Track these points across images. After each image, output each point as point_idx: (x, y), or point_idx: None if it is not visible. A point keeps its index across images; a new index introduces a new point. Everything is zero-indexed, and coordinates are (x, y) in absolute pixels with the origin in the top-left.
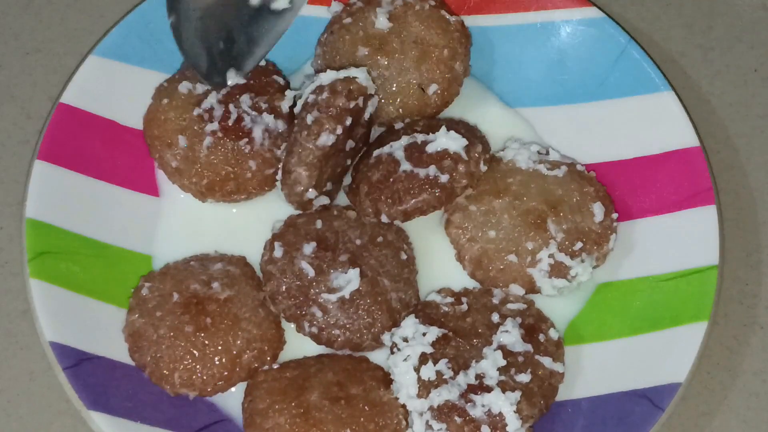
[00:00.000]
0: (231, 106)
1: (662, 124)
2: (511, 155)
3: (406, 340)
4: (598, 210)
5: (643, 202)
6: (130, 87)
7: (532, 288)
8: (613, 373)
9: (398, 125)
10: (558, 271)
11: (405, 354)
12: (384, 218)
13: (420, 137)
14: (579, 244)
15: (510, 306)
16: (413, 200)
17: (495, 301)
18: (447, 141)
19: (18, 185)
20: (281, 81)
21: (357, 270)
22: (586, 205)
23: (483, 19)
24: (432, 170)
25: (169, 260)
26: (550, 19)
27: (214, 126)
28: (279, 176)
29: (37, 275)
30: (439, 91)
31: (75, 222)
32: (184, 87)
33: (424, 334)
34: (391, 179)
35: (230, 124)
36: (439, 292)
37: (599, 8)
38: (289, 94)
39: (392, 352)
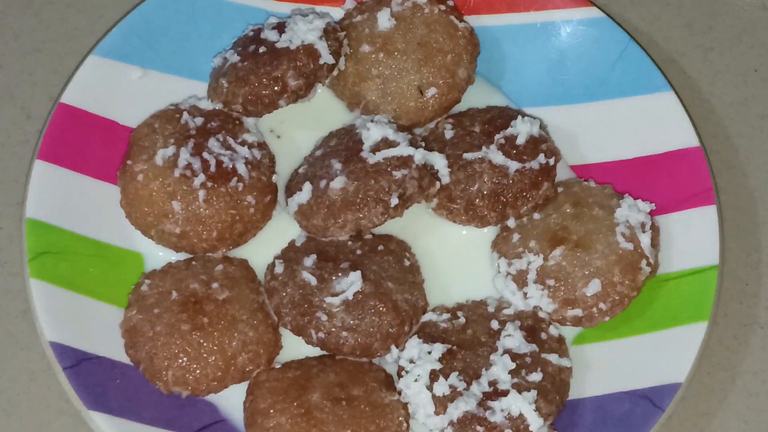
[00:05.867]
0: (205, 155)
1: (662, 124)
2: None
3: (412, 361)
4: (593, 286)
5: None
6: (130, 87)
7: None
8: (614, 373)
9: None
10: (519, 279)
11: (415, 374)
12: (511, 222)
13: (500, 134)
14: (551, 282)
15: (506, 311)
16: (540, 191)
17: (490, 309)
18: (527, 126)
19: (18, 185)
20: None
21: (358, 272)
22: (596, 276)
23: (483, 18)
24: (542, 158)
25: (170, 260)
26: (550, 19)
27: (202, 179)
28: (286, 198)
29: (37, 275)
30: (437, 96)
31: (75, 222)
32: (159, 158)
33: (429, 353)
34: (509, 182)
35: (214, 171)
36: (433, 310)
37: (599, 8)
38: (248, 121)
39: (400, 376)
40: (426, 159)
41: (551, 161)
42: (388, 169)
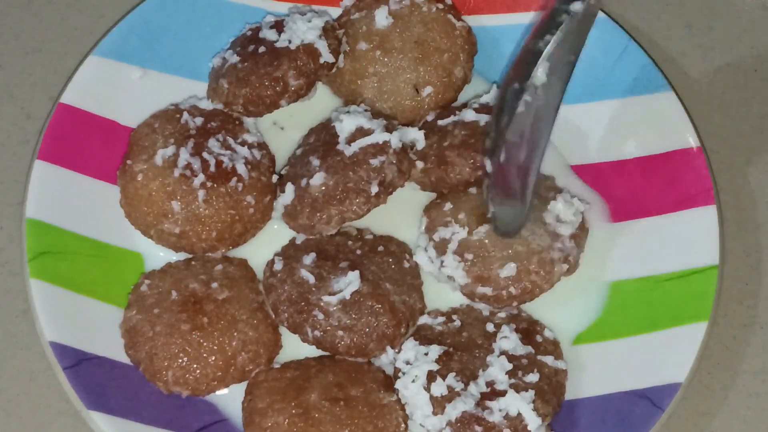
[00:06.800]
0: (205, 155)
1: (662, 124)
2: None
3: (408, 363)
4: (508, 269)
5: (643, 202)
6: (130, 87)
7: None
8: (613, 373)
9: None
10: (440, 247)
11: (412, 375)
12: (489, 166)
13: (474, 102)
14: (470, 256)
15: (501, 314)
16: None
17: (485, 312)
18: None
19: (18, 185)
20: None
21: (357, 272)
22: (513, 261)
23: (483, 18)
24: None
25: (169, 260)
26: None
27: (201, 178)
28: (278, 202)
29: (37, 275)
30: (432, 95)
31: (75, 222)
32: (159, 158)
33: (426, 354)
34: (480, 133)
35: (213, 171)
36: (428, 314)
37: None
38: (248, 121)
39: (397, 377)
40: (403, 141)
41: None
42: (365, 158)
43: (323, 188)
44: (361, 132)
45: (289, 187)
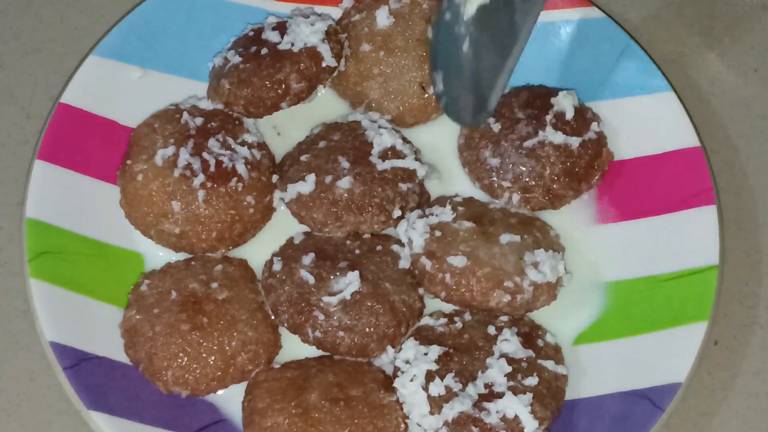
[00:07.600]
0: (204, 155)
1: (662, 124)
2: None
3: (408, 362)
4: (458, 261)
5: (643, 202)
6: (130, 87)
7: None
8: (613, 373)
9: None
10: (423, 215)
11: (411, 374)
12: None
13: (549, 114)
14: (438, 233)
15: (503, 318)
16: (603, 158)
17: (487, 315)
18: (570, 99)
19: (18, 185)
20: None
21: (356, 272)
22: (469, 259)
23: None
24: (595, 127)
25: (169, 260)
26: (550, 19)
27: (201, 179)
28: (280, 194)
29: (37, 275)
30: None
31: (75, 222)
32: (159, 158)
33: (425, 354)
34: (576, 158)
35: (213, 171)
36: (430, 315)
37: (599, 8)
38: (248, 121)
39: (396, 376)
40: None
41: (599, 124)
42: (395, 180)
43: (348, 194)
44: (393, 152)
45: (311, 178)
